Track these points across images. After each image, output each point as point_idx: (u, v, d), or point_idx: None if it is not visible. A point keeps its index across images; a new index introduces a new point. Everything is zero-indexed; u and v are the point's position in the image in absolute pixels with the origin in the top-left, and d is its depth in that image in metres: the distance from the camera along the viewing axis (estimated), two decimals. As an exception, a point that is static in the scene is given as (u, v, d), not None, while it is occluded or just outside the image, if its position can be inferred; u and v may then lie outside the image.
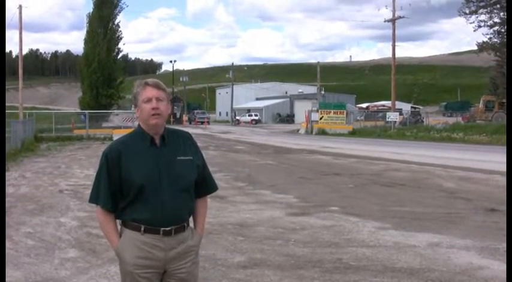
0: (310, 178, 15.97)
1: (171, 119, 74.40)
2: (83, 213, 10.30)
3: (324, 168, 18.60)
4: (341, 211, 10.56)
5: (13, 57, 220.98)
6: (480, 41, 47.95)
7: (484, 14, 46.79)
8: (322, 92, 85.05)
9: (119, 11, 60.91)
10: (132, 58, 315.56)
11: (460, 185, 14.09)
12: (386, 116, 49.00)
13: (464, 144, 31.90)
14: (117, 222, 3.40)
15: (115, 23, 60.60)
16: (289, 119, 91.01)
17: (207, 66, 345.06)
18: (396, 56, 51.45)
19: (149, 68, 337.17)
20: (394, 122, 47.15)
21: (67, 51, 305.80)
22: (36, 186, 14.35)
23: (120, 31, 61.36)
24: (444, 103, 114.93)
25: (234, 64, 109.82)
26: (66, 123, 45.11)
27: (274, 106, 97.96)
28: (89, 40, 59.08)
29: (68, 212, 10.65)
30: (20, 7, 44.85)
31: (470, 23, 47.99)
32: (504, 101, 46.15)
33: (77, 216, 10.08)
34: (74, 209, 10.86)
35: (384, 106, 77.60)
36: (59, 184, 14.82)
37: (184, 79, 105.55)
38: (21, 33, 45.08)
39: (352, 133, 45.56)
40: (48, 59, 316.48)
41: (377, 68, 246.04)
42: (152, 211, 3.23)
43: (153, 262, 3.27)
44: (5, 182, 13.27)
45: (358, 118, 58.66)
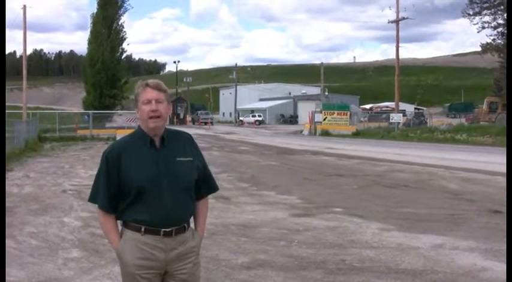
0: (314, 179, 15.97)
1: (175, 120, 74.47)
2: (86, 213, 10.31)
3: (327, 169, 18.59)
4: (344, 212, 10.55)
5: (17, 57, 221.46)
6: (484, 42, 48.07)
7: (488, 15, 46.88)
8: (326, 93, 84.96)
9: (123, 12, 61.10)
10: (136, 58, 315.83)
11: (464, 187, 14.07)
12: (390, 117, 48.93)
13: (468, 145, 31.86)
14: (118, 223, 3.40)
15: (119, 23, 60.78)
16: (293, 119, 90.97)
17: (211, 66, 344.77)
18: (400, 57, 51.44)
19: (153, 68, 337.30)
20: (398, 123, 47.09)
21: (71, 52, 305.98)
22: (40, 186, 14.38)
23: (124, 31, 61.59)
24: (448, 104, 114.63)
25: (237, 65, 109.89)
26: (70, 123, 45.22)
27: (277, 107, 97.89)
28: (93, 40, 59.18)
29: (71, 212, 10.67)
30: (24, 7, 45.03)
31: (474, 24, 48.10)
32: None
33: (80, 217, 10.09)
34: (77, 209, 10.87)
35: (388, 107, 77.45)
36: (63, 184, 14.84)
37: (187, 80, 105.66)
38: (25, 33, 45.23)
39: (356, 134, 45.53)
40: (52, 59, 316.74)
41: (381, 69, 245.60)
42: (152, 212, 3.23)
43: (154, 263, 3.26)
44: (5, 182, 13.30)
45: (361, 119, 58.55)
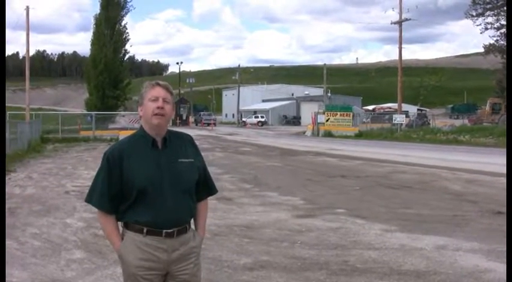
0: (317, 180, 15.96)
1: (177, 121, 74.53)
2: (89, 214, 10.29)
3: (330, 170, 18.58)
4: (347, 213, 10.54)
5: (20, 58, 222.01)
6: (487, 43, 47.97)
7: (491, 16, 46.82)
8: (329, 94, 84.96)
9: (126, 13, 61.11)
10: (139, 59, 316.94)
11: (467, 188, 14.04)
12: (393, 118, 48.88)
13: (471, 146, 31.82)
14: (119, 224, 3.40)
15: (122, 24, 60.79)
16: (296, 121, 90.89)
17: (214, 67, 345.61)
18: (403, 58, 51.37)
19: (156, 69, 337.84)
20: (401, 124, 47.04)
21: (74, 53, 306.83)
22: (43, 187, 14.38)
23: (127, 32, 61.59)
24: (451, 105, 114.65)
25: (240, 66, 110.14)
26: (73, 124, 45.22)
27: (280, 108, 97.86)
28: (96, 41, 59.19)
29: (74, 213, 10.66)
30: (27, 8, 45.07)
31: (477, 25, 48.02)
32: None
33: (83, 218, 10.09)
34: (80, 210, 10.87)
35: (390, 108, 77.32)
36: (65, 185, 14.85)
37: (190, 81, 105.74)
38: (28, 35, 45.29)
39: (359, 135, 45.49)
40: (55, 60, 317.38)
41: (383, 70, 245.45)
42: (154, 213, 3.23)
43: (156, 264, 3.26)
44: (5, 182, 13.32)
45: (364, 120, 58.41)
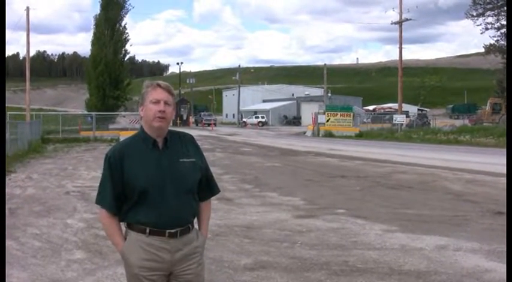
0: (317, 180, 15.96)
1: (178, 121, 74.56)
2: (89, 214, 10.31)
3: (330, 170, 18.58)
4: (348, 213, 10.54)
5: (20, 58, 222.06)
6: (487, 43, 47.95)
7: (491, 16, 46.81)
8: (329, 94, 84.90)
9: (125, 13, 60.99)
10: (139, 60, 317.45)
11: (467, 188, 14.04)
12: (393, 118, 48.94)
13: (471, 146, 31.82)
14: (122, 225, 3.39)
15: (122, 24, 60.65)
16: (296, 121, 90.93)
17: (214, 68, 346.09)
18: (403, 58, 51.34)
19: (156, 69, 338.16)
20: (401, 124, 47.08)
21: (74, 53, 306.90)
22: (43, 188, 14.38)
23: (127, 33, 61.41)
24: (451, 105, 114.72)
25: (241, 66, 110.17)
26: (73, 124, 45.25)
27: (280, 108, 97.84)
28: (96, 42, 59.11)
29: (74, 213, 10.66)
30: (27, 9, 45.13)
31: (478, 25, 48.01)
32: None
33: (83, 218, 10.09)
34: (80, 211, 10.88)
35: (391, 108, 77.38)
36: (66, 186, 14.85)
37: (191, 81, 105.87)
38: (28, 35, 45.35)
39: (359, 135, 45.53)
40: (55, 60, 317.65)
41: (384, 70, 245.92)
42: (157, 213, 3.22)
43: (159, 264, 3.25)
44: (5, 182, 13.32)
45: (364, 120, 58.47)
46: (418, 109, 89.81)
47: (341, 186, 14.77)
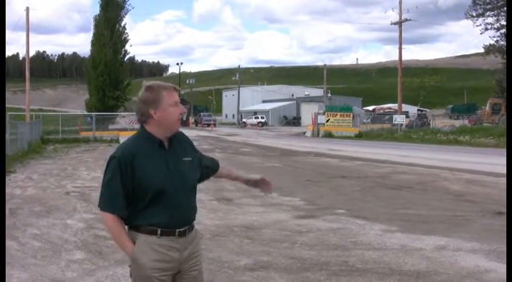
0: (317, 181, 15.96)
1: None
2: (89, 215, 10.31)
3: (330, 170, 18.59)
4: (347, 214, 10.54)
5: (20, 59, 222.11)
6: (487, 43, 48.02)
7: (491, 16, 46.91)
8: (329, 94, 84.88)
9: (125, 13, 60.96)
10: (139, 60, 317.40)
11: (467, 188, 14.04)
12: (393, 118, 48.93)
13: (471, 147, 31.83)
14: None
15: (121, 25, 60.60)
16: (296, 121, 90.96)
17: (214, 68, 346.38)
18: (403, 58, 51.39)
19: (156, 70, 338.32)
20: (401, 124, 47.09)
21: (74, 53, 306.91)
22: (43, 188, 14.38)
23: (127, 33, 61.33)
24: (451, 106, 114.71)
25: (240, 66, 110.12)
26: (73, 125, 45.22)
27: (280, 109, 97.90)
28: (96, 42, 59.07)
29: (74, 213, 10.66)
30: (27, 9, 45.12)
31: (477, 25, 48.10)
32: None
33: (83, 218, 10.09)
34: (80, 211, 10.88)
35: (391, 109, 77.40)
36: (66, 186, 14.84)
37: (190, 81, 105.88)
38: (28, 35, 45.34)
39: (359, 136, 45.53)
40: (55, 61, 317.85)
41: (384, 70, 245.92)
42: (170, 214, 3.22)
43: (170, 264, 3.25)
44: (5, 183, 13.32)
45: (364, 121, 58.47)
46: (418, 109, 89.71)
47: (341, 186, 14.78)
